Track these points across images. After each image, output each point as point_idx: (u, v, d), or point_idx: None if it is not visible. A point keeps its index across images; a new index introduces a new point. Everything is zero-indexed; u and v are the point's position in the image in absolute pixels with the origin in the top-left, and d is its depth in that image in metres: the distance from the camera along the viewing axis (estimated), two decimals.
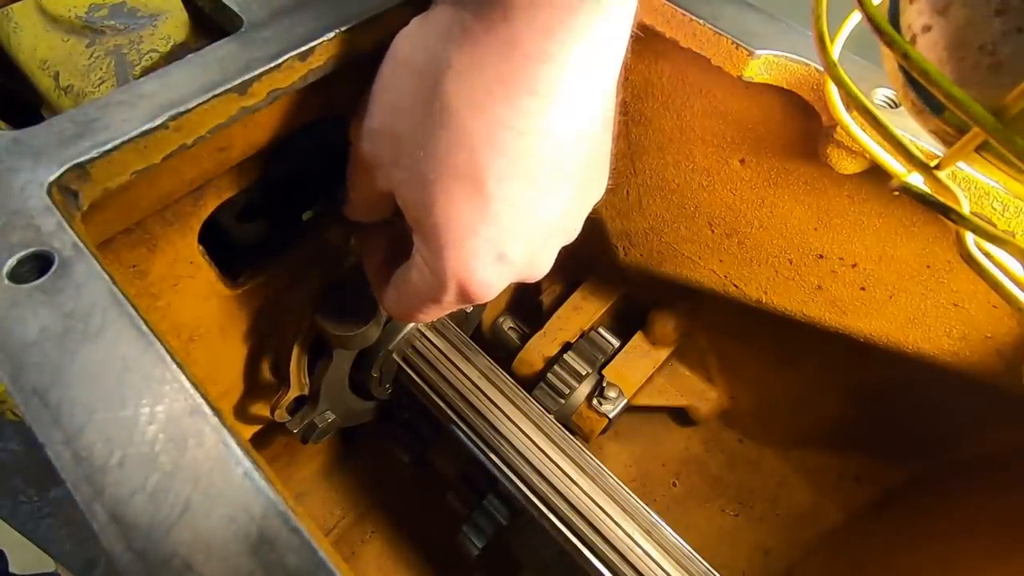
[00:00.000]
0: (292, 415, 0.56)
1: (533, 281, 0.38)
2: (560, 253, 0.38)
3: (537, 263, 0.37)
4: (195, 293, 0.45)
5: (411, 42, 0.34)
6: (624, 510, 0.50)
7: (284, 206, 0.51)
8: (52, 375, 0.24)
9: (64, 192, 0.30)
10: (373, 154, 0.37)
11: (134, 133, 0.31)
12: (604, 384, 0.65)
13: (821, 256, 0.51)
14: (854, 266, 0.50)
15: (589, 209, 0.37)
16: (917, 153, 0.27)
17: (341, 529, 0.73)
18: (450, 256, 0.34)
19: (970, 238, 0.27)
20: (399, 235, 0.43)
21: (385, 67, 0.36)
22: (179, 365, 0.25)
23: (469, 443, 0.54)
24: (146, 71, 0.51)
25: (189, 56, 0.35)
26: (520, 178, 0.32)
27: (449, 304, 0.37)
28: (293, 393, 0.53)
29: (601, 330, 0.68)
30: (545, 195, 0.33)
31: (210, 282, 0.46)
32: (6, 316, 0.25)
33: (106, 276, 0.27)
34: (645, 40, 0.47)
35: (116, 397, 0.24)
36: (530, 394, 0.58)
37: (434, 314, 0.39)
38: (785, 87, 0.43)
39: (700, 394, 0.74)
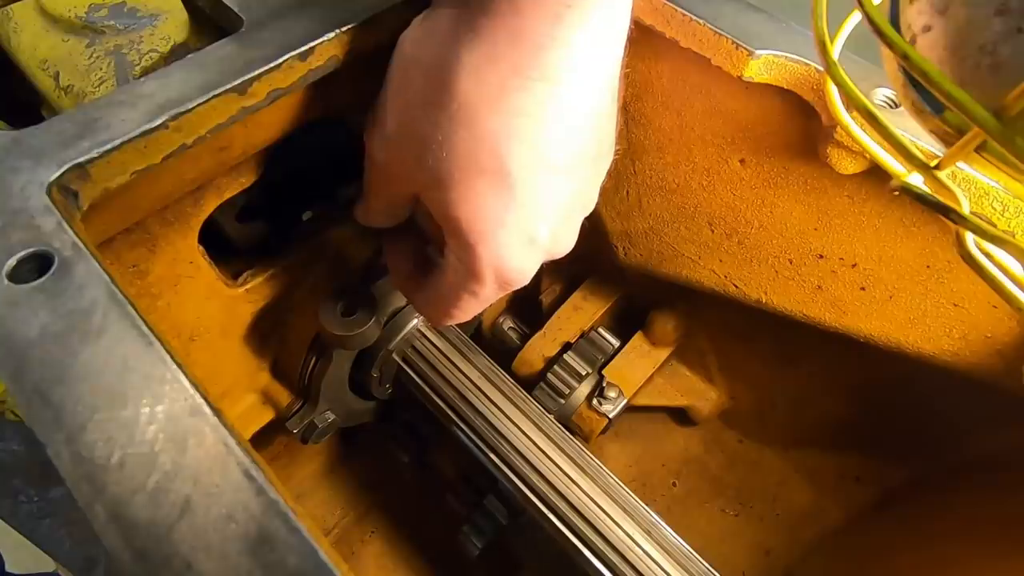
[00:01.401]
0: (292, 415, 0.56)
1: (561, 256, 0.39)
2: None
3: (563, 239, 0.38)
4: (195, 293, 0.45)
5: (418, 44, 0.35)
6: (624, 510, 0.50)
7: (284, 206, 0.51)
8: (52, 375, 0.24)
9: (64, 192, 0.30)
10: (394, 160, 0.37)
11: (134, 133, 0.31)
12: (604, 384, 0.65)
13: (821, 256, 0.51)
14: (854, 266, 0.50)
15: (603, 178, 0.39)
16: (917, 153, 0.27)
17: (341, 529, 0.73)
18: (483, 250, 0.35)
19: (970, 238, 0.27)
20: (423, 242, 0.45)
21: (394, 72, 0.36)
22: (179, 365, 0.25)
23: (469, 443, 0.54)
24: (146, 71, 0.51)
25: (189, 56, 0.35)
26: (540, 163, 0.33)
27: (487, 297, 0.38)
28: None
29: (601, 330, 0.68)
30: (564, 175, 0.35)
31: (210, 282, 0.46)
32: (6, 316, 0.25)
33: (106, 276, 0.27)
34: (645, 40, 0.47)
35: (116, 397, 0.24)
36: (530, 394, 0.58)
37: (472, 310, 0.40)
38: (785, 87, 0.43)
39: (700, 394, 0.74)
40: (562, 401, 0.64)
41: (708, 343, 0.71)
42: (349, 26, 0.37)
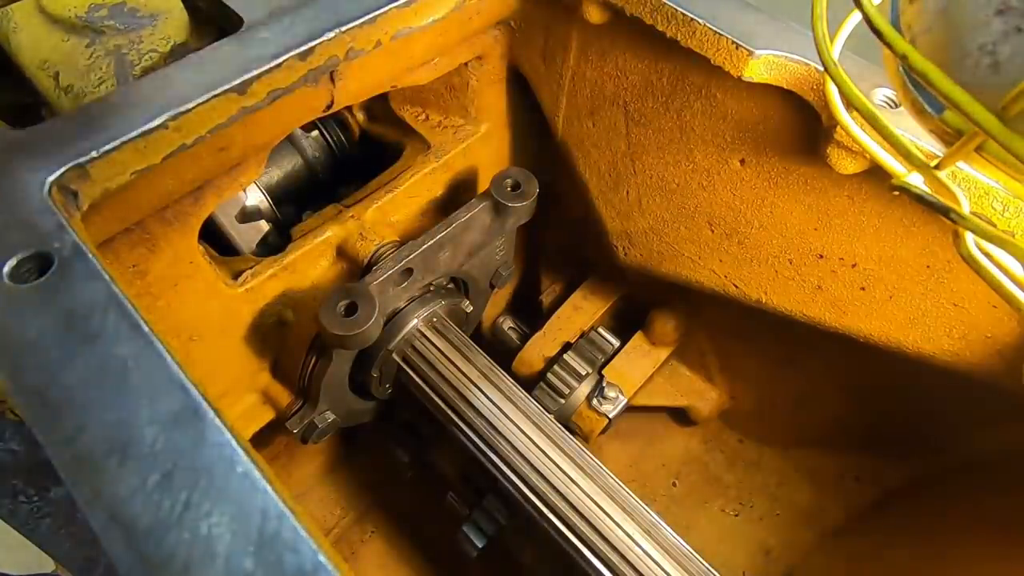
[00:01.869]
0: (292, 415, 0.56)
1: None
2: (560, 253, 0.38)
3: None
4: (195, 293, 0.45)
5: None
6: (624, 510, 0.50)
7: (284, 206, 0.51)
8: (52, 375, 0.24)
9: (64, 192, 0.30)
10: None
11: (134, 133, 0.31)
12: (604, 384, 0.65)
13: (821, 256, 0.51)
14: (854, 266, 0.50)
15: None
16: (917, 153, 0.27)
17: (341, 529, 0.73)
18: None
19: (970, 238, 0.27)
20: None
21: None
22: (179, 365, 0.25)
23: (469, 443, 0.54)
24: (146, 71, 0.51)
25: (189, 56, 0.35)
26: None
27: None
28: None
29: (601, 330, 0.68)
30: None
31: (210, 282, 0.46)
32: (6, 316, 0.25)
33: (106, 276, 0.27)
34: (645, 40, 0.47)
35: (116, 397, 0.24)
36: (530, 394, 0.58)
37: None
38: (785, 87, 0.43)
39: (700, 394, 0.74)
40: (562, 401, 0.64)
41: (708, 343, 0.71)
42: (349, 26, 0.37)
